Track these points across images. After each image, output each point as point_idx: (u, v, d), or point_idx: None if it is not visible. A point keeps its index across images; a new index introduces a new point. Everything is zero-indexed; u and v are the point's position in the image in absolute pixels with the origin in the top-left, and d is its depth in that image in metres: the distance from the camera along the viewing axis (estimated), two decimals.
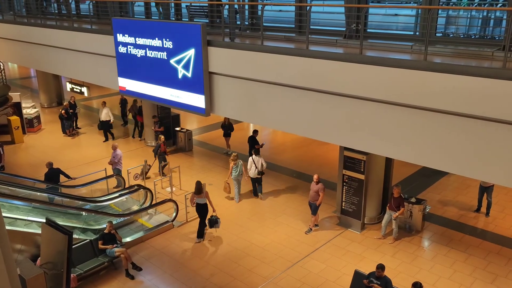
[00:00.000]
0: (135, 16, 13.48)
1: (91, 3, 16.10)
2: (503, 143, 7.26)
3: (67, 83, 18.80)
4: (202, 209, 11.88)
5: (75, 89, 18.42)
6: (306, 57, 9.24)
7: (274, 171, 15.98)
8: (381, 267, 8.84)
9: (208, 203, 11.90)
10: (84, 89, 17.91)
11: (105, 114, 18.92)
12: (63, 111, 19.27)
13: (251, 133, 16.13)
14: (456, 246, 11.41)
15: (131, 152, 17.88)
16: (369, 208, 12.33)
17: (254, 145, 15.48)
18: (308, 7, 9.28)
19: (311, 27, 11.32)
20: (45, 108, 24.18)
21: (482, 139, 7.46)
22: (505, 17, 9.08)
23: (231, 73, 11.00)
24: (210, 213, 11.95)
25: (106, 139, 19.21)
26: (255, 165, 13.75)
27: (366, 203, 12.07)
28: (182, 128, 18.20)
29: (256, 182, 14.13)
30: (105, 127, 19.16)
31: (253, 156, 13.88)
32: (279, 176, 15.70)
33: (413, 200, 12.21)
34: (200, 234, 11.92)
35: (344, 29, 10.57)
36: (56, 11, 18.47)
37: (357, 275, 9.38)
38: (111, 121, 19.06)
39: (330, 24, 11.02)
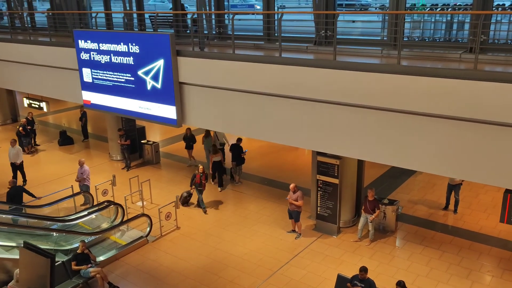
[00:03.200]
0: (98, 28, 13.13)
1: (46, 15, 15.55)
2: (477, 142, 7.52)
3: (24, 99, 18.03)
4: (218, 165, 15.05)
5: (33, 105, 17.68)
6: (280, 64, 9.27)
7: (244, 179, 15.89)
8: (364, 270, 8.91)
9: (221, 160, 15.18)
10: (43, 104, 17.22)
11: (14, 155, 15.57)
12: (20, 128, 18.42)
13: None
14: (430, 244, 11.69)
15: (95, 167, 17.29)
16: (344, 212, 12.44)
17: (238, 153, 15.30)
18: (279, 15, 9.31)
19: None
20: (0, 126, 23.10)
21: (457, 139, 7.69)
22: (467, 20, 9.48)
23: (202, 82, 10.89)
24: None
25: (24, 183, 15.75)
26: (217, 137, 16.45)
27: (341, 207, 12.18)
28: (148, 141, 17.81)
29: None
30: (16, 169, 15.74)
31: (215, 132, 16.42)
32: (251, 184, 15.62)
33: (385, 201, 12.43)
34: (221, 183, 15.20)
35: (314, 35, 10.67)
36: (9, 24, 17.72)
37: (340, 279, 9.42)
38: (18, 163, 15.66)
39: (299, 31, 11.11)
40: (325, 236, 12.27)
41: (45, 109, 17.45)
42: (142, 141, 17.72)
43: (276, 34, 11.60)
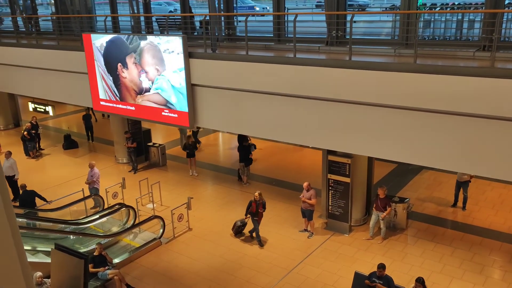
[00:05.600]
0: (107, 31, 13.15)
1: (53, 19, 15.56)
2: (493, 138, 7.64)
3: (29, 103, 17.99)
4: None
5: (38, 109, 17.66)
6: (295, 65, 9.36)
7: (252, 180, 15.95)
8: (382, 267, 9.02)
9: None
10: (49, 108, 17.22)
11: (7, 168, 14.50)
12: (25, 133, 18.39)
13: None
14: (441, 241, 11.82)
15: (102, 171, 17.15)
16: (355, 210, 12.54)
17: (246, 154, 15.38)
18: (294, 16, 9.41)
19: (289, 35, 11.52)
20: (2, 131, 22.98)
21: (472, 135, 7.81)
22: (479, 19, 9.63)
23: (215, 84, 10.96)
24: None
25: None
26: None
27: (352, 205, 12.28)
28: (154, 143, 17.83)
29: None
30: (10, 185, 14.49)
31: None
32: (259, 185, 15.67)
33: (396, 199, 12.55)
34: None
35: (325, 36, 10.78)
36: (14, 29, 17.71)
37: (358, 276, 9.52)
38: (16, 177, 14.82)
39: (311, 31, 11.21)
40: (337, 234, 12.36)
41: (51, 113, 17.48)
42: (149, 144, 17.73)
43: (286, 35, 11.75)
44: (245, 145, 15.46)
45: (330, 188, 12.35)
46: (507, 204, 13.57)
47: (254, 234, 12.10)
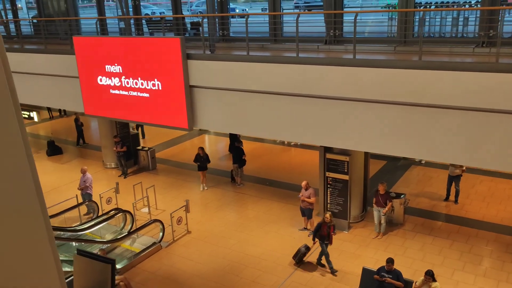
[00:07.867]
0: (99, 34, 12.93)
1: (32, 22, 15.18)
2: (495, 131, 7.87)
3: None
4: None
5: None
6: (298, 64, 9.41)
7: (246, 181, 15.92)
8: (390, 261, 9.14)
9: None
10: (34, 114, 16.78)
11: None
12: None
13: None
14: (439, 234, 12.07)
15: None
16: (353, 207, 12.67)
17: (240, 155, 15.30)
18: (297, 16, 9.46)
19: (285, 35, 11.60)
20: None
21: (474, 129, 8.03)
22: (476, 16, 9.89)
23: (214, 85, 10.93)
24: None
25: None
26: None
27: (351, 202, 12.41)
28: (143, 147, 17.59)
29: None
30: None
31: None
32: (253, 185, 15.67)
33: (392, 194, 12.74)
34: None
35: (323, 35, 10.88)
36: None
37: (366, 272, 9.63)
38: None
39: (309, 31, 11.29)
40: (336, 232, 12.44)
41: (35, 119, 17.01)
42: (138, 147, 17.48)
43: (282, 35, 11.81)
44: (237, 146, 15.44)
45: (328, 186, 12.45)
46: (497, 197, 13.97)
47: (323, 261, 10.96)
